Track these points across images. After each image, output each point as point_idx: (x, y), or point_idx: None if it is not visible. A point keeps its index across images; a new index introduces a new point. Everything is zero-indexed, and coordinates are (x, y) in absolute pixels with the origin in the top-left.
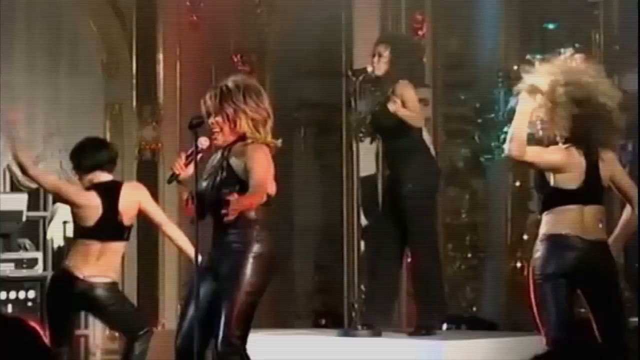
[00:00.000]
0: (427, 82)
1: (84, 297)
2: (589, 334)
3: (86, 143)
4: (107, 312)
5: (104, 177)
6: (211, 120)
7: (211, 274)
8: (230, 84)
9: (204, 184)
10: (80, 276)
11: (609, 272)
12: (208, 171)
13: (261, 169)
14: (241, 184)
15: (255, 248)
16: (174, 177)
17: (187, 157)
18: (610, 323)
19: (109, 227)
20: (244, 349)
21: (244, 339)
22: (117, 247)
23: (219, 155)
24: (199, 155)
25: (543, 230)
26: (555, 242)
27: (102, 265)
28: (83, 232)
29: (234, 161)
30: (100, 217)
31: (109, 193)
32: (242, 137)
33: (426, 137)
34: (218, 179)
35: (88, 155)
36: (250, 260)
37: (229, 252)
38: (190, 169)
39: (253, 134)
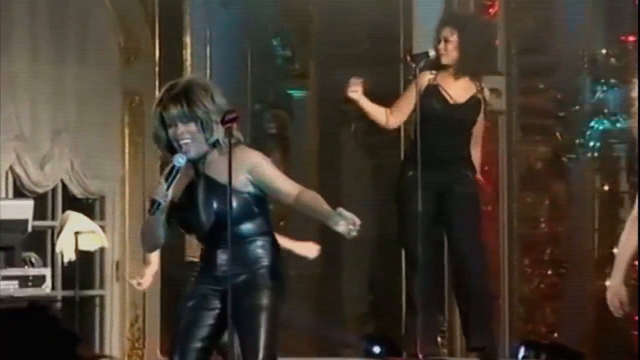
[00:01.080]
0: (500, 69)
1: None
2: None
3: None
4: None
5: None
6: (179, 130)
7: (217, 297)
8: (191, 85)
9: (191, 212)
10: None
11: None
12: (179, 194)
13: (279, 172)
14: (240, 198)
15: (267, 262)
16: (157, 207)
17: (166, 180)
18: None
19: None
20: None
21: None
22: None
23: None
24: (178, 176)
25: None
26: None
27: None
28: None
29: (223, 177)
30: None
31: None
32: (214, 144)
33: None
34: (205, 199)
35: None
36: (266, 279)
37: (237, 275)
38: (170, 194)
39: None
